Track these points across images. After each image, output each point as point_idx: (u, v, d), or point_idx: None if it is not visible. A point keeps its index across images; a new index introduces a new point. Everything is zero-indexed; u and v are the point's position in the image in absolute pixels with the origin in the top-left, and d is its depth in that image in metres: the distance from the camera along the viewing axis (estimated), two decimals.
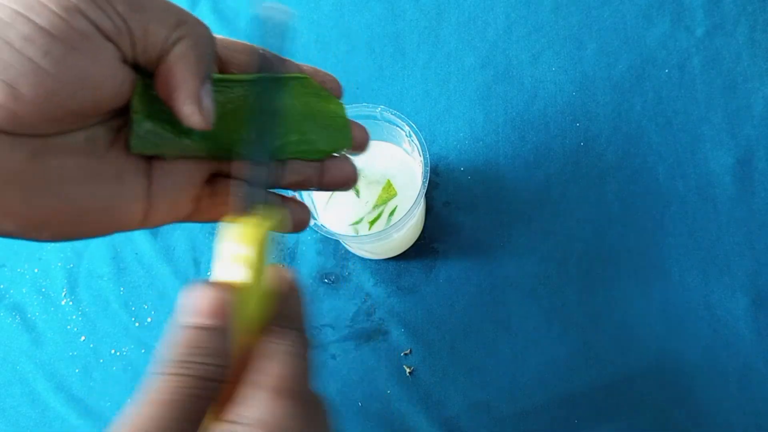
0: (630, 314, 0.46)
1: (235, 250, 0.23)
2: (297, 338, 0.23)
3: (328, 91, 0.29)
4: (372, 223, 0.44)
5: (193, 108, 0.22)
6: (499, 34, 0.54)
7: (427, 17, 0.55)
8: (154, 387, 0.20)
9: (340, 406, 0.45)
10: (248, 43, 0.26)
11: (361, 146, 0.30)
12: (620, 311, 0.46)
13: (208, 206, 0.26)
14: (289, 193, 0.36)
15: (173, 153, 0.25)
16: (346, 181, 0.30)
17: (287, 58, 0.26)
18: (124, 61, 0.21)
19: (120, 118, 0.24)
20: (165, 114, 0.23)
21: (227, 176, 0.27)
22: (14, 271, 0.51)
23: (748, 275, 0.46)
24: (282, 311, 0.24)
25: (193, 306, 0.21)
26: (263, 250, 0.23)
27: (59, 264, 0.51)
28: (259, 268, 0.23)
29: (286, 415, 0.20)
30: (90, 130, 0.22)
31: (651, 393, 0.44)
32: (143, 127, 0.23)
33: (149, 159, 0.24)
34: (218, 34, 0.26)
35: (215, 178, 0.27)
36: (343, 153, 0.30)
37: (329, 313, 0.48)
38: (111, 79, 0.21)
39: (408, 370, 0.46)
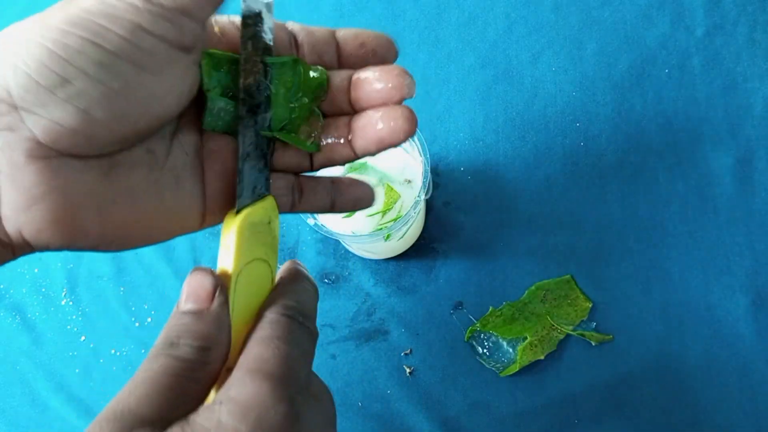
0: (630, 314, 0.46)
1: (225, 240, 0.24)
2: (290, 326, 0.22)
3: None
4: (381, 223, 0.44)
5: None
6: (499, 34, 0.54)
7: (427, 17, 0.55)
8: (145, 366, 0.21)
9: (340, 406, 0.45)
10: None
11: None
12: (620, 311, 0.46)
13: None
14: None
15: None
16: (360, 201, 0.29)
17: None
18: (190, 56, 0.22)
19: (171, 124, 0.24)
20: (234, 92, 0.24)
21: (276, 170, 0.27)
22: (14, 271, 0.51)
23: (748, 275, 0.46)
24: (277, 298, 0.24)
25: (184, 291, 0.22)
26: (247, 238, 0.24)
27: (59, 264, 0.51)
28: (245, 255, 0.24)
29: (255, 399, 0.20)
30: (148, 143, 0.23)
31: (651, 393, 0.44)
32: (216, 104, 0.24)
33: (202, 163, 0.25)
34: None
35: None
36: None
37: (329, 313, 0.48)
38: (177, 90, 0.22)
39: (408, 370, 0.46)
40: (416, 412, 0.45)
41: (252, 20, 0.24)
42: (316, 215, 0.43)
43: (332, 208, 0.28)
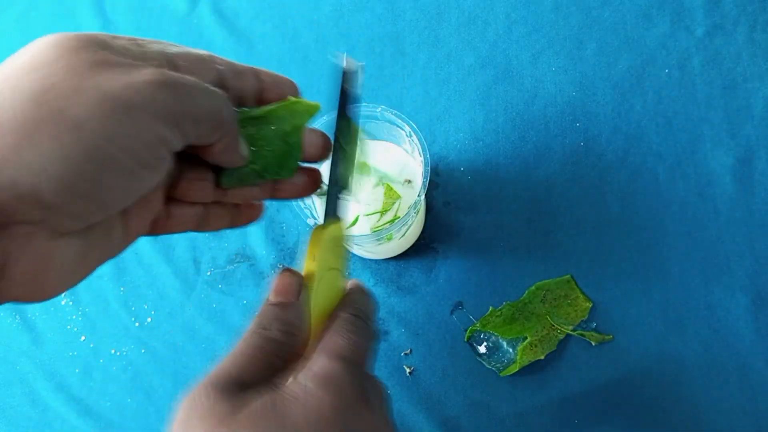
0: (630, 314, 0.46)
1: (311, 249, 0.28)
2: (359, 324, 0.27)
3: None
4: (378, 227, 0.44)
5: (240, 161, 0.27)
6: (499, 34, 0.54)
7: (427, 17, 0.55)
8: (241, 344, 0.25)
9: None
10: (249, 67, 0.28)
11: (316, 155, 0.30)
12: (620, 311, 0.46)
13: (165, 225, 0.29)
14: None
15: (249, 182, 0.28)
16: (301, 192, 0.31)
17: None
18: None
19: None
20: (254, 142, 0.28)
21: (177, 200, 0.29)
22: None
23: (748, 275, 0.46)
24: (348, 303, 0.29)
25: (273, 286, 0.27)
26: (328, 250, 0.28)
27: None
28: (325, 263, 0.28)
29: (333, 373, 0.24)
30: None
31: (651, 393, 0.44)
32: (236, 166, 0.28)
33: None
34: (224, 57, 0.26)
35: (170, 201, 0.29)
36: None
37: None
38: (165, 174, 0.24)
39: (408, 370, 0.46)
40: (416, 412, 0.45)
41: (348, 77, 0.29)
42: (316, 215, 0.43)
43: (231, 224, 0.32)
